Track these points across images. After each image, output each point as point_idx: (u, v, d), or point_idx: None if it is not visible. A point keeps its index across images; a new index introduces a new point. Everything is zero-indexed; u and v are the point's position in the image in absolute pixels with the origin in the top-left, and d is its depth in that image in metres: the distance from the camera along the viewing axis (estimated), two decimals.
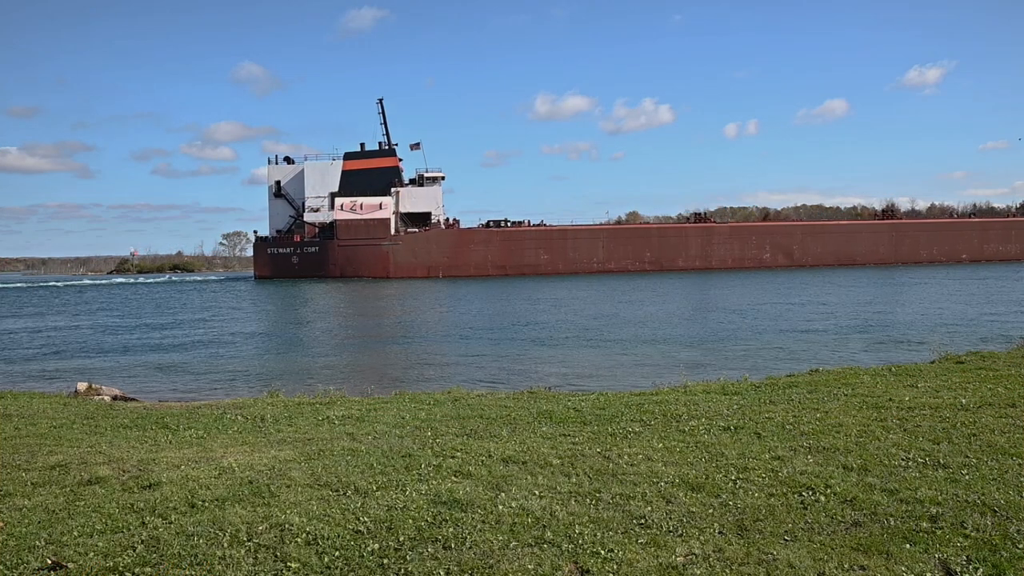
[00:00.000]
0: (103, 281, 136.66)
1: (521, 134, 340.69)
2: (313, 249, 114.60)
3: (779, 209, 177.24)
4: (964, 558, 6.44)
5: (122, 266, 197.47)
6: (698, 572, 6.29)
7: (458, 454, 10.15)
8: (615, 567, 6.38)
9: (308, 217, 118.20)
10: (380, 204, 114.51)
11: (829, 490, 8.14)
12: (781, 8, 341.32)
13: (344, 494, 8.41)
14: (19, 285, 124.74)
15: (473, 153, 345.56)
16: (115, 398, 18.82)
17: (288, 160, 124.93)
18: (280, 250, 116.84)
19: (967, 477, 8.47)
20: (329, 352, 33.99)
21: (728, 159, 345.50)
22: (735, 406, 13.28)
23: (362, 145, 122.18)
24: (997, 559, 6.38)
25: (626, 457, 9.78)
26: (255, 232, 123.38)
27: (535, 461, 9.67)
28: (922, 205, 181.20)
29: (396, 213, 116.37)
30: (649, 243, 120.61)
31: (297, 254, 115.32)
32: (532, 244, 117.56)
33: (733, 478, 8.69)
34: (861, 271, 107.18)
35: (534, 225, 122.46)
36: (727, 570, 6.32)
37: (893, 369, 17.98)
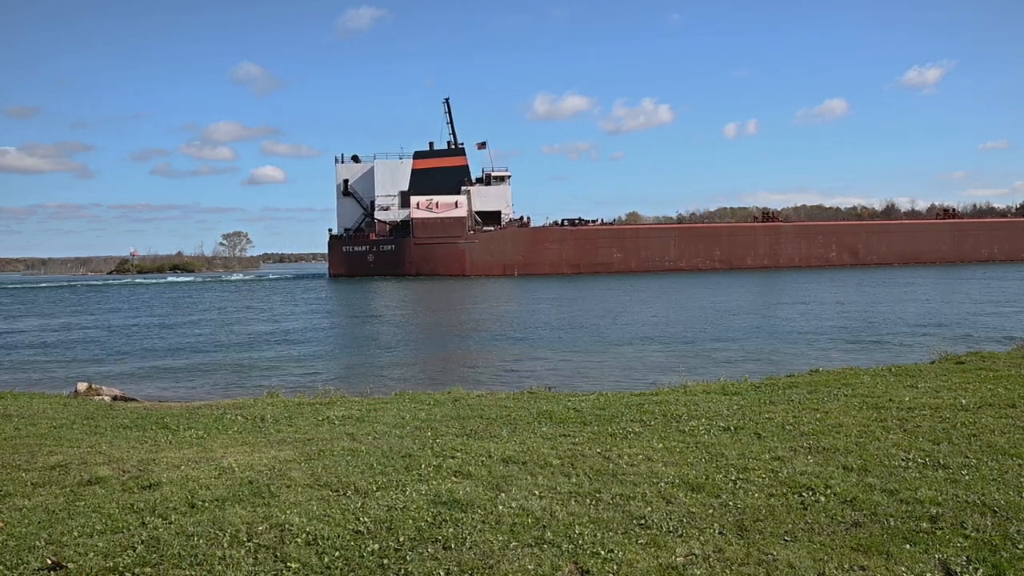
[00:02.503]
0: (152, 281, 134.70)
1: (520, 134, 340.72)
2: (389, 247, 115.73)
3: (779, 209, 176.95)
4: (964, 558, 6.43)
5: (122, 266, 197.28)
6: (698, 572, 6.28)
7: (458, 454, 10.14)
8: (615, 567, 6.37)
9: (379, 215, 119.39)
10: (455, 203, 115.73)
11: (829, 490, 8.14)
12: (780, 7, 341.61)
13: (344, 494, 8.41)
14: (61, 285, 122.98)
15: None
16: (115, 398, 18.82)
17: (355, 159, 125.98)
18: (355, 248, 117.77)
19: (967, 477, 8.47)
20: (391, 351, 33.97)
21: (728, 159, 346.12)
22: (735, 406, 13.28)
23: (431, 144, 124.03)
24: (997, 559, 6.37)
25: (626, 457, 9.78)
26: (330, 230, 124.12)
27: (535, 461, 9.67)
28: (922, 205, 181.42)
29: (471, 212, 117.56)
30: (719, 242, 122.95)
31: (373, 252, 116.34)
32: (605, 243, 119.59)
33: (733, 478, 8.69)
34: (924, 269, 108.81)
35: (607, 224, 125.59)
36: (727, 570, 6.32)
37: (893, 369, 17.97)
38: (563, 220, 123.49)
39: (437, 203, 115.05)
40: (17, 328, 48.42)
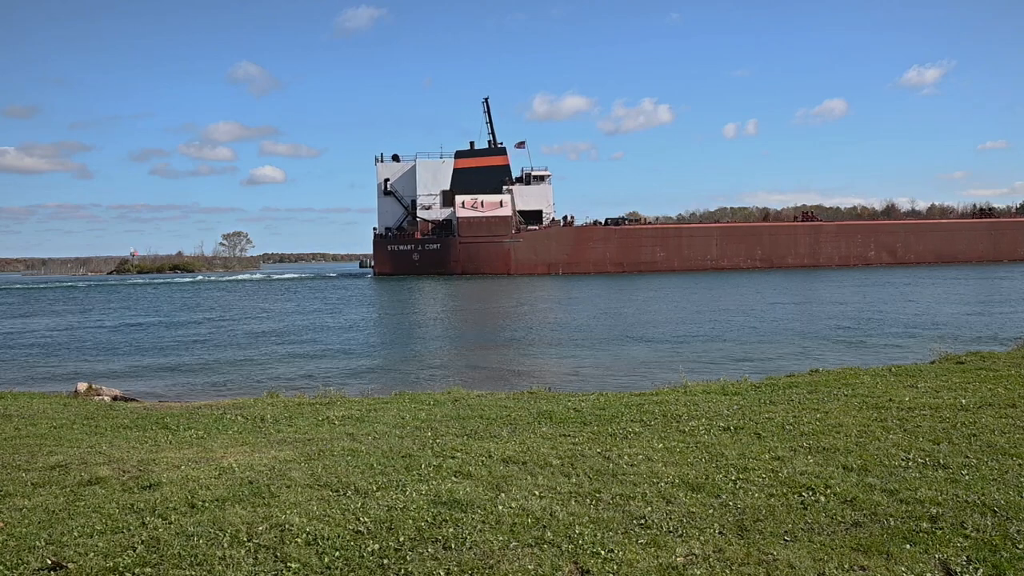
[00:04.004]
0: (186, 280, 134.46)
1: (519, 134, 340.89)
2: (435, 246, 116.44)
3: (779, 209, 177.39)
4: (964, 558, 6.43)
5: (122, 266, 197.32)
6: (698, 572, 6.28)
7: (458, 454, 10.14)
8: (615, 567, 6.37)
9: (421, 214, 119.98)
10: (500, 202, 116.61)
11: (829, 490, 8.14)
12: (779, 7, 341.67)
13: (344, 494, 8.41)
14: (95, 284, 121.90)
15: None
16: (115, 398, 18.82)
17: (395, 158, 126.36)
18: (400, 247, 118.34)
19: (967, 477, 8.47)
20: (430, 349, 33.97)
21: (727, 159, 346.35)
22: (735, 406, 13.28)
23: (471, 144, 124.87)
24: (997, 559, 6.37)
25: (626, 457, 9.78)
26: (374, 229, 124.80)
27: (535, 461, 9.67)
28: (922, 205, 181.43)
29: (514, 211, 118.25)
30: (760, 241, 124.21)
31: (418, 251, 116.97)
32: (649, 242, 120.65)
33: (733, 478, 8.69)
34: (962, 268, 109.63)
35: (650, 223, 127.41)
36: (727, 570, 6.32)
37: (893, 369, 17.97)
38: (606, 219, 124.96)
39: (482, 202, 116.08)
40: (17, 329, 48.41)
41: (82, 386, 19.42)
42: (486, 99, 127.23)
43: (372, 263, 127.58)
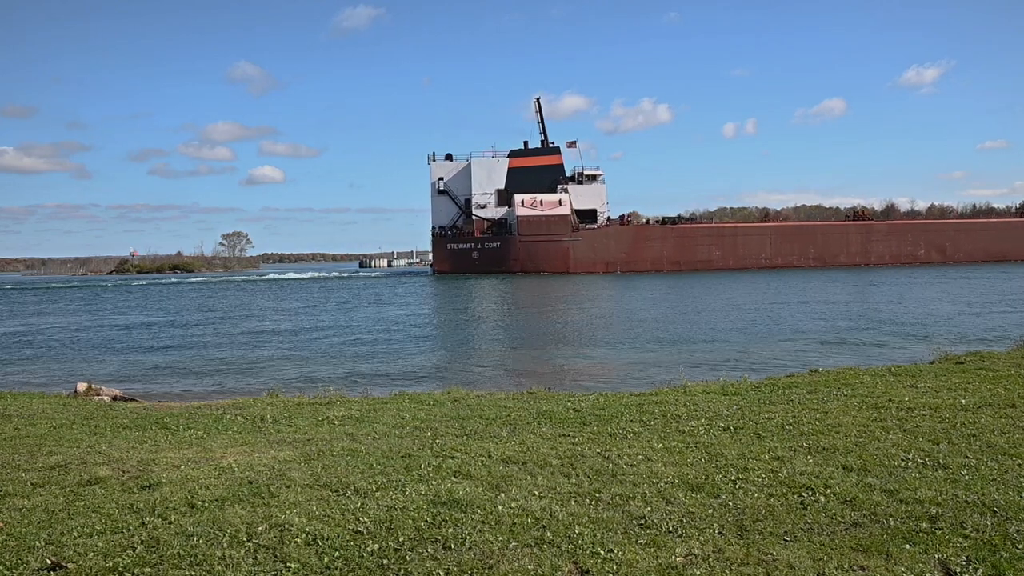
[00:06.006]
0: (231, 279, 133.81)
1: (520, 133, 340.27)
2: (494, 245, 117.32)
3: (779, 209, 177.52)
4: (964, 558, 6.43)
5: (122, 266, 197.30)
6: (698, 572, 6.28)
7: (458, 454, 10.14)
8: (615, 567, 6.37)
9: (477, 212, 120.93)
10: (559, 200, 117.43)
11: (829, 490, 8.14)
12: (778, 7, 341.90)
13: (344, 494, 8.41)
14: (101, 284, 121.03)
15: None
16: (115, 398, 18.81)
17: (448, 157, 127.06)
18: (460, 246, 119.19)
19: (967, 477, 8.47)
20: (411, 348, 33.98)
21: (727, 159, 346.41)
22: (735, 406, 13.28)
23: (525, 143, 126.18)
24: (997, 559, 6.38)
25: (626, 457, 9.78)
26: (433, 227, 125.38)
27: (535, 461, 9.67)
28: (922, 205, 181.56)
29: (572, 210, 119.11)
30: (813, 240, 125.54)
31: (478, 250, 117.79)
32: (705, 241, 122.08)
33: (733, 478, 8.69)
34: (1012, 267, 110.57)
35: (706, 222, 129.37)
36: (727, 570, 6.32)
37: (893, 369, 17.98)
38: (663, 218, 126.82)
39: (541, 201, 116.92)
40: (17, 329, 48.41)
41: (82, 386, 19.42)
42: (537, 99, 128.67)
43: (430, 261, 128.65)
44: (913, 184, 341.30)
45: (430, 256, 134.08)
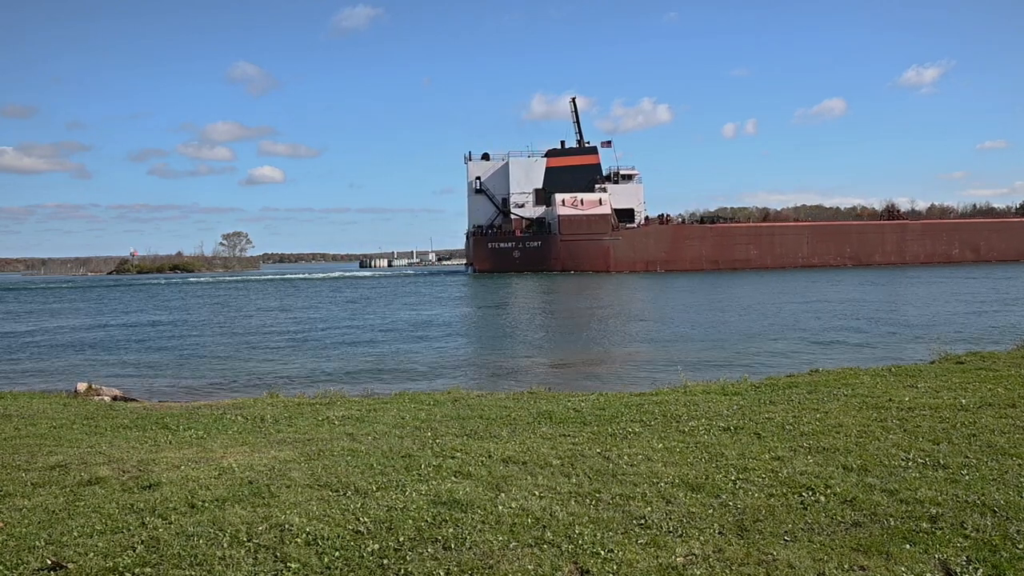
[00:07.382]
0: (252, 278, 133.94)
1: (519, 134, 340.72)
2: (535, 244, 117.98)
3: (779, 209, 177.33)
4: (964, 558, 6.43)
5: (122, 266, 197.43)
6: (698, 572, 6.28)
7: (458, 454, 10.14)
8: (615, 567, 6.37)
9: (515, 211, 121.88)
10: (599, 200, 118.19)
11: (829, 490, 8.14)
12: (777, 7, 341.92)
13: (344, 494, 8.41)
14: (104, 285, 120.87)
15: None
16: (115, 398, 18.81)
17: (485, 156, 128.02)
18: (501, 244, 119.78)
19: (967, 477, 8.47)
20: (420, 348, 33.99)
21: (726, 159, 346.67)
22: (735, 406, 13.28)
23: (562, 143, 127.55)
24: (997, 559, 6.37)
25: (626, 457, 9.78)
26: (471, 226, 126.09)
27: (535, 461, 9.67)
28: (922, 205, 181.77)
29: (613, 209, 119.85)
30: (849, 239, 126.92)
31: (519, 248, 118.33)
32: (743, 240, 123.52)
33: (733, 478, 8.69)
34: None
35: (742, 222, 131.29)
36: (727, 570, 6.32)
37: (893, 369, 17.98)
38: (702, 217, 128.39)
39: (581, 200, 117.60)
40: (17, 329, 48.41)
41: (82, 386, 19.42)
42: (573, 99, 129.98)
43: (469, 260, 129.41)
44: (913, 184, 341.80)
45: (432, 256, 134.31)
